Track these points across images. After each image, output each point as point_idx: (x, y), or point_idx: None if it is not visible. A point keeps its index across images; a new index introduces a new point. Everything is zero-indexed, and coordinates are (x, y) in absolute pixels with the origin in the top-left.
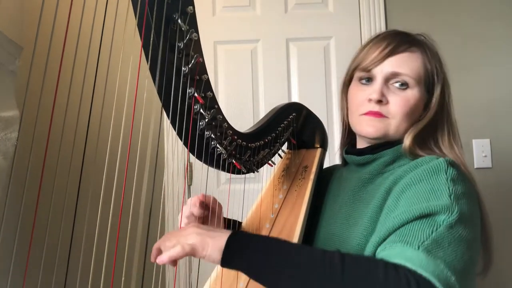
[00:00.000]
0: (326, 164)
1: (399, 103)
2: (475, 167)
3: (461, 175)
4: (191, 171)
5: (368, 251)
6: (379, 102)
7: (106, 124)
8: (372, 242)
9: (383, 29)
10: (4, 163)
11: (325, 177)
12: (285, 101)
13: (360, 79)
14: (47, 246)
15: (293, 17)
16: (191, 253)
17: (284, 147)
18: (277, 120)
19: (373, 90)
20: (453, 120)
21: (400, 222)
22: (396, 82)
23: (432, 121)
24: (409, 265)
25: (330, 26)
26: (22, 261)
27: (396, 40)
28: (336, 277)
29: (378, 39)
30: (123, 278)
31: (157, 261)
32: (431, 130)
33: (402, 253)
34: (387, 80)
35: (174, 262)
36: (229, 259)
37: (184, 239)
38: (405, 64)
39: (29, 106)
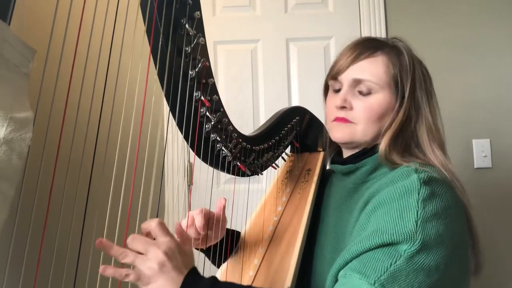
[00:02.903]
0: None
1: (362, 109)
2: (475, 167)
3: (436, 192)
4: (190, 171)
5: (333, 272)
6: (343, 108)
7: (115, 126)
8: (338, 263)
9: (383, 29)
10: (19, 162)
11: (324, 179)
12: (285, 100)
13: (333, 87)
14: (53, 246)
15: (293, 17)
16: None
17: (288, 150)
18: (281, 123)
19: (338, 97)
20: (433, 122)
21: (363, 249)
22: (360, 88)
23: (406, 124)
24: None
25: (330, 26)
26: (33, 259)
27: (360, 48)
28: None
29: (347, 48)
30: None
31: (101, 271)
32: (409, 133)
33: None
34: (352, 86)
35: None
36: None
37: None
38: (366, 70)
39: (39, 109)
